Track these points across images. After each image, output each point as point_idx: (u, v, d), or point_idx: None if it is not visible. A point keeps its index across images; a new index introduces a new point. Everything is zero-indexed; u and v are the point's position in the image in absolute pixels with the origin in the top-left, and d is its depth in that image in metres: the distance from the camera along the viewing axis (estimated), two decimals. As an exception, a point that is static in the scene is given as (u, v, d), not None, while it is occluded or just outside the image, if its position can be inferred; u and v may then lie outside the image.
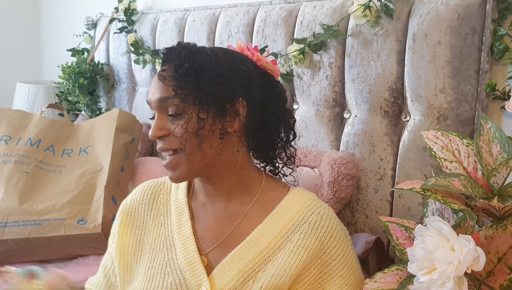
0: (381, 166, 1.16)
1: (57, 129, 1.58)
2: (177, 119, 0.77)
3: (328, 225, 0.81)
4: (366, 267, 1.08)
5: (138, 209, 0.90)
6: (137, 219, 0.89)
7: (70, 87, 2.16)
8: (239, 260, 0.79)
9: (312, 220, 0.81)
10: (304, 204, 0.83)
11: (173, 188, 0.90)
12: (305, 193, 0.86)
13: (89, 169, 1.46)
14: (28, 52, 2.92)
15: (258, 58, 0.85)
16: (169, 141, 0.78)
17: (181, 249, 0.82)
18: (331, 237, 0.80)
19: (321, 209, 0.83)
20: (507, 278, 0.70)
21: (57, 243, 1.33)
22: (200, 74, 0.76)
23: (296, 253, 0.78)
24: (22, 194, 1.38)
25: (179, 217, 0.86)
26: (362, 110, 1.20)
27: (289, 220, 0.81)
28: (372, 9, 1.11)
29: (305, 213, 0.81)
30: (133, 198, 0.92)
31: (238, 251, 0.79)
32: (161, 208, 0.89)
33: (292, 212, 0.82)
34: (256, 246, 0.79)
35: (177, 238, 0.83)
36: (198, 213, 0.86)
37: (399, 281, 0.78)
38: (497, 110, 1.03)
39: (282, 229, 0.80)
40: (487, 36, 0.97)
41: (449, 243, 0.67)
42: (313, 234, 0.80)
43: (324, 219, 0.81)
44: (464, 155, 0.83)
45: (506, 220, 0.73)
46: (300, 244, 0.79)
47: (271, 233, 0.80)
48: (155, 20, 1.87)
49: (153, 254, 0.84)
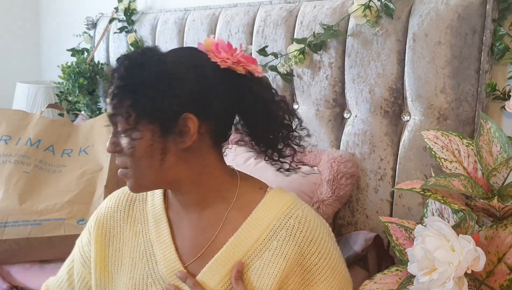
0: (381, 166, 1.15)
1: (57, 129, 1.58)
2: (126, 136, 0.72)
3: (307, 229, 0.76)
4: (365, 265, 1.08)
5: (114, 217, 0.85)
6: (113, 228, 0.85)
7: (70, 87, 2.16)
8: (218, 271, 0.76)
9: (290, 225, 0.76)
10: (281, 208, 0.78)
11: (149, 194, 0.86)
12: (283, 195, 0.80)
13: (89, 169, 1.46)
14: (28, 52, 2.92)
15: (223, 59, 0.74)
16: (119, 158, 0.76)
17: (162, 259, 0.79)
18: (311, 241, 0.76)
19: (299, 213, 0.77)
20: (507, 278, 0.70)
21: (57, 243, 1.33)
22: (137, 94, 0.70)
23: (275, 263, 0.74)
24: (22, 194, 1.38)
25: (157, 225, 0.82)
26: (362, 110, 1.19)
27: (266, 226, 0.76)
28: (372, 9, 1.11)
29: (283, 218, 0.77)
30: (107, 206, 0.87)
31: (216, 262, 0.76)
32: (137, 215, 0.84)
33: (270, 217, 0.77)
34: (234, 255, 0.76)
35: (157, 247, 0.80)
36: (175, 222, 0.82)
37: (398, 282, 0.77)
38: (497, 110, 1.03)
39: (259, 236, 0.76)
40: (487, 36, 0.97)
41: (449, 243, 0.67)
42: (292, 240, 0.75)
43: (302, 223, 0.76)
44: (464, 155, 0.83)
45: (506, 220, 0.73)
46: (278, 252, 0.75)
47: (249, 241, 0.76)
48: (155, 20, 1.87)
49: (132, 264, 0.81)
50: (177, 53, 0.77)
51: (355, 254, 1.06)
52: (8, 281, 1.28)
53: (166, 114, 0.71)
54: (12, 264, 1.34)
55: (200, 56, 0.75)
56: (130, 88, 0.70)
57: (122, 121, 0.72)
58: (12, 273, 1.32)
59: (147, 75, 0.70)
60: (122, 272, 0.82)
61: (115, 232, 0.85)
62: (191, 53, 0.77)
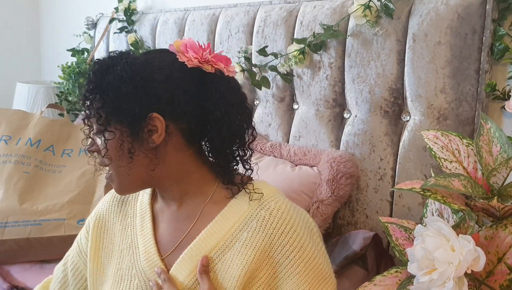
0: (381, 166, 1.16)
1: (57, 129, 1.58)
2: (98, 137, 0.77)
3: (279, 221, 0.74)
4: (364, 264, 1.09)
5: (109, 211, 0.90)
6: (108, 221, 0.89)
7: (70, 87, 2.16)
8: (190, 261, 0.77)
9: (260, 217, 0.75)
10: (256, 200, 0.77)
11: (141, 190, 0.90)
12: (261, 188, 0.79)
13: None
14: (28, 52, 2.92)
15: (190, 58, 0.75)
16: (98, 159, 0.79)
17: (143, 251, 0.82)
18: (282, 233, 0.74)
19: (272, 205, 0.76)
20: (507, 278, 0.70)
21: (57, 243, 1.33)
22: (104, 95, 0.73)
23: (243, 253, 0.74)
24: (22, 194, 1.38)
25: (142, 219, 0.85)
26: (362, 110, 1.20)
27: (238, 217, 0.77)
28: (372, 9, 1.11)
29: (255, 209, 0.76)
30: (105, 200, 0.92)
31: (189, 252, 0.77)
32: (129, 210, 0.88)
33: (243, 208, 0.77)
34: (206, 245, 0.77)
35: (140, 240, 0.83)
36: (158, 216, 0.85)
37: (398, 283, 0.77)
38: (497, 110, 1.03)
39: (231, 227, 0.76)
40: (487, 36, 0.97)
41: (449, 243, 0.67)
42: (262, 231, 0.74)
43: (274, 215, 0.75)
44: (464, 155, 0.83)
45: (506, 220, 0.73)
46: (248, 243, 0.74)
47: (220, 232, 0.77)
48: (155, 20, 1.87)
49: (121, 256, 0.85)
50: (147, 56, 0.78)
51: (354, 253, 1.06)
52: (8, 281, 1.29)
53: (132, 115, 0.73)
54: (12, 264, 1.34)
55: (170, 57, 0.76)
56: (98, 90, 0.74)
57: (94, 122, 0.75)
58: (12, 273, 1.32)
59: (113, 77, 0.73)
60: (112, 263, 0.86)
61: (109, 225, 0.89)
62: (161, 54, 0.78)
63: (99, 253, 0.88)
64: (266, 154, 1.35)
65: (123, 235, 0.86)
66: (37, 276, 1.30)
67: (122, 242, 0.86)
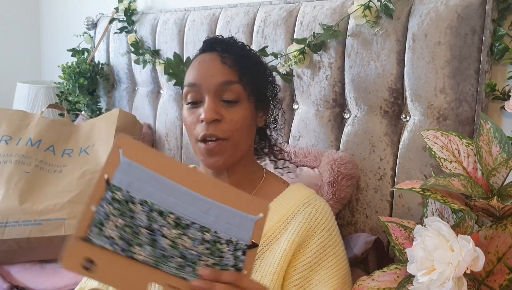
0: (381, 166, 1.16)
1: (57, 129, 1.58)
2: (232, 106, 0.79)
3: (323, 217, 0.82)
4: (366, 267, 1.08)
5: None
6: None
7: (70, 87, 2.16)
8: None
9: (307, 212, 0.82)
10: (302, 197, 0.84)
11: None
12: (304, 188, 0.88)
13: (90, 169, 1.46)
14: (28, 52, 2.93)
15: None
16: (221, 128, 0.78)
17: None
18: (324, 229, 0.82)
19: (318, 203, 0.84)
20: (507, 278, 0.70)
21: (57, 243, 1.33)
22: (260, 69, 0.82)
23: (290, 240, 0.79)
24: (22, 194, 1.38)
25: None
26: (362, 110, 1.20)
27: (286, 211, 0.82)
28: (372, 9, 1.11)
29: (302, 205, 0.83)
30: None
31: None
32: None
33: (290, 204, 0.83)
34: None
35: None
36: None
37: (397, 280, 0.78)
38: (497, 110, 1.03)
39: (278, 219, 0.82)
40: (487, 36, 0.97)
41: (448, 243, 0.67)
42: (307, 224, 0.81)
43: (319, 212, 0.83)
44: (464, 155, 0.83)
45: (505, 220, 0.73)
46: (293, 232, 0.80)
47: (268, 223, 0.81)
48: (155, 20, 1.87)
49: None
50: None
51: (355, 257, 1.06)
52: (8, 281, 1.29)
53: (271, 94, 0.88)
54: (12, 264, 1.34)
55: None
56: (256, 62, 0.86)
57: (240, 89, 0.80)
58: (12, 273, 1.32)
59: (260, 58, 0.89)
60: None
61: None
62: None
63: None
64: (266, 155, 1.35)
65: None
66: (37, 276, 1.30)
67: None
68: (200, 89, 0.80)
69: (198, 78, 0.80)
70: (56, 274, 1.32)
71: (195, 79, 0.80)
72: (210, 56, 0.82)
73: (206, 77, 0.79)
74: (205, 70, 0.79)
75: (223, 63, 0.79)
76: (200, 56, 0.84)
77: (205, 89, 0.79)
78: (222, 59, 0.79)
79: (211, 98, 0.78)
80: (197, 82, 0.80)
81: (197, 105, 0.81)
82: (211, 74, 0.79)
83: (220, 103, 0.79)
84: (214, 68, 0.79)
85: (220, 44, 0.82)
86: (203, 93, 0.79)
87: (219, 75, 0.78)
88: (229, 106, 0.79)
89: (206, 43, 0.85)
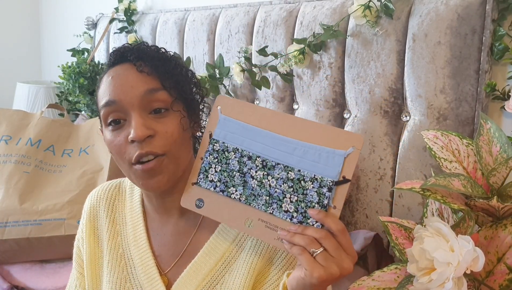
0: (381, 166, 1.16)
1: (57, 129, 1.58)
2: (162, 118, 0.69)
3: None
4: (365, 264, 1.08)
5: (97, 216, 0.84)
6: (97, 228, 0.83)
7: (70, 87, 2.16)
8: (195, 276, 0.73)
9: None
10: None
11: (127, 195, 0.84)
12: None
13: (89, 169, 1.46)
14: (28, 52, 2.93)
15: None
16: (156, 144, 0.68)
17: (140, 264, 0.77)
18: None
19: None
20: (507, 278, 0.70)
21: (57, 243, 1.33)
22: (182, 71, 0.73)
23: (249, 261, 0.72)
24: (22, 194, 1.38)
25: (134, 229, 0.80)
26: (362, 110, 1.20)
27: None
28: (372, 9, 1.11)
29: None
30: (91, 204, 0.85)
31: (193, 266, 0.74)
32: (117, 216, 0.83)
33: None
34: (210, 259, 0.74)
35: (134, 252, 0.78)
36: (153, 228, 0.80)
37: (397, 280, 0.78)
38: (497, 110, 1.03)
39: (234, 237, 0.74)
40: (487, 36, 0.97)
41: (448, 243, 0.67)
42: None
43: None
44: (464, 155, 0.83)
45: (505, 220, 0.73)
46: (252, 250, 0.72)
47: (224, 243, 0.74)
48: (155, 20, 1.87)
49: (109, 266, 0.79)
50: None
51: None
52: (8, 281, 1.29)
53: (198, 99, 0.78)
54: (12, 264, 1.34)
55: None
56: (178, 65, 0.75)
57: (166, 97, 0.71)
58: (12, 273, 1.32)
59: (180, 60, 0.78)
60: (103, 273, 0.81)
61: (99, 231, 0.83)
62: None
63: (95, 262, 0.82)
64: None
65: (112, 243, 0.81)
66: (37, 276, 1.30)
67: (112, 250, 0.80)
68: (121, 106, 0.68)
69: (116, 93, 0.69)
70: (56, 274, 1.32)
71: (113, 96, 0.69)
72: (123, 67, 0.71)
73: (125, 90, 0.68)
74: (122, 83, 0.69)
75: (140, 72, 0.69)
76: (112, 70, 0.72)
77: (127, 104, 0.68)
78: (137, 68, 0.70)
79: (137, 113, 0.68)
80: (116, 98, 0.69)
81: (121, 125, 0.70)
82: (130, 85, 0.69)
83: (148, 117, 0.68)
84: (132, 79, 0.69)
85: (131, 52, 0.72)
86: (126, 110, 0.69)
87: (140, 85, 0.69)
88: (159, 118, 0.69)
89: (115, 54, 0.74)
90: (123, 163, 0.72)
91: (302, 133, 0.64)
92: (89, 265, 0.82)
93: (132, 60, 0.71)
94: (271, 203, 0.65)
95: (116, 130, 0.70)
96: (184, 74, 0.74)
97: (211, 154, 0.69)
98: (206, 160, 0.70)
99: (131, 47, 0.73)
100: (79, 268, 0.85)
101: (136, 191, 0.84)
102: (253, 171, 0.66)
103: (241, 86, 1.48)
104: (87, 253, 0.82)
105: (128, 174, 0.73)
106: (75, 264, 0.87)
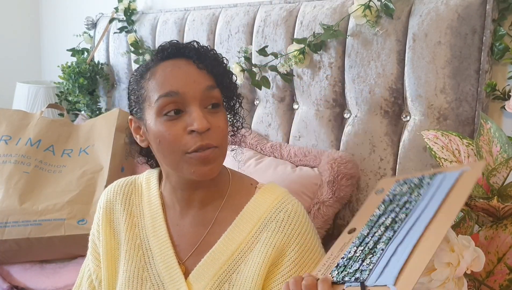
0: (381, 166, 1.15)
1: (57, 129, 1.58)
2: (216, 113, 0.75)
3: (296, 222, 0.79)
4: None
5: (113, 210, 0.87)
6: (113, 221, 0.87)
7: (70, 87, 2.16)
8: (212, 265, 0.78)
9: (279, 218, 0.79)
10: (272, 203, 0.81)
11: (143, 189, 0.88)
12: (274, 190, 0.83)
13: (89, 169, 1.46)
14: (28, 52, 2.93)
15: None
16: (212, 136, 0.73)
17: (159, 254, 0.81)
18: (299, 234, 0.79)
19: (289, 207, 0.80)
20: (507, 278, 0.70)
21: (57, 243, 1.33)
22: (230, 75, 0.80)
23: (264, 252, 0.77)
24: (22, 194, 1.38)
25: (153, 220, 0.84)
26: (362, 110, 1.19)
27: (257, 219, 0.80)
28: (372, 9, 1.11)
29: (273, 212, 0.80)
30: (108, 199, 0.89)
31: (210, 256, 0.78)
32: (134, 209, 0.86)
33: (260, 211, 0.80)
34: (227, 249, 0.78)
35: (153, 242, 0.82)
36: (172, 219, 0.84)
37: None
38: (497, 110, 1.03)
39: (251, 229, 0.79)
40: (487, 36, 0.97)
41: (448, 243, 0.67)
42: (280, 232, 0.78)
43: (292, 217, 0.79)
44: (464, 155, 0.83)
45: (506, 220, 0.73)
46: (267, 242, 0.78)
47: (241, 234, 0.79)
48: (155, 20, 1.87)
49: (126, 256, 0.83)
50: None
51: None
52: (8, 281, 1.29)
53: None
54: (12, 264, 1.35)
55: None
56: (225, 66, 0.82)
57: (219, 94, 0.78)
58: (12, 273, 1.32)
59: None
60: (120, 264, 0.84)
61: (116, 225, 0.87)
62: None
63: (111, 254, 0.85)
64: (266, 154, 1.35)
65: (130, 235, 0.84)
66: (37, 276, 1.30)
67: (129, 241, 0.84)
68: (184, 98, 0.73)
69: (180, 85, 0.73)
70: (56, 274, 1.32)
71: (176, 87, 0.73)
72: (182, 62, 0.76)
73: (188, 83, 0.73)
74: (185, 76, 0.74)
75: (200, 69, 0.75)
76: (168, 63, 0.76)
77: (190, 97, 0.73)
78: (197, 65, 0.75)
79: (198, 106, 0.73)
80: (180, 90, 0.73)
81: (179, 116, 0.73)
82: (193, 80, 0.73)
83: (204, 111, 0.74)
84: (194, 74, 0.74)
85: (189, 50, 0.77)
86: (187, 102, 0.73)
87: (201, 81, 0.74)
88: (213, 113, 0.75)
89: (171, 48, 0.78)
90: (175, 152, 0.74)
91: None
92: (105, 256, 0.86)
93: (190, 56, 0.77)
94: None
95: (172, 120, 0.73)
96: (231, 76, 0.80)
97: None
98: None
99: (187, 44, 0.79)
100: (96, 261, 0.89)
101: (153, 185, 0.88)
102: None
103: (241, 86, 1.47)
104: (103, 245, 0.86)
105: (178, 162, 0.75)
106: (91, 257, 0.90)
